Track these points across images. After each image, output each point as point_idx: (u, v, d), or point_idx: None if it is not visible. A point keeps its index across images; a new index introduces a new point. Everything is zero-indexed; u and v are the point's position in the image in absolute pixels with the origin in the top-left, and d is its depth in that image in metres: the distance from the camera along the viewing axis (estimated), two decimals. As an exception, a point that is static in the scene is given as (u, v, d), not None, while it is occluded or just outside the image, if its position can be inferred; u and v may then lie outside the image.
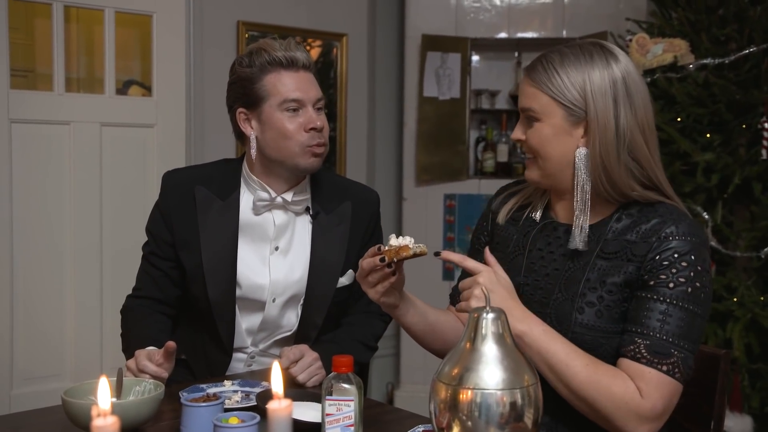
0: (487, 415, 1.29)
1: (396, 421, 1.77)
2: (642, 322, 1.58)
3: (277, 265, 2.20)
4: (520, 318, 1.60)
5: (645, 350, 1.56)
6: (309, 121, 2.13)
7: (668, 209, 1.66)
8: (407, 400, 4.42)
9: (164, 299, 2.24)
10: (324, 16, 4.40)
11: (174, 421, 1.69)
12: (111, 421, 0.88)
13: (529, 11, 4.52)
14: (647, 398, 1.53)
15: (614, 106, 1.63)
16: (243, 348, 2.23)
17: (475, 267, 1.63)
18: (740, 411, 3.23)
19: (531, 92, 1.68)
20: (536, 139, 1.68)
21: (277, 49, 2.13)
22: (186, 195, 2.20)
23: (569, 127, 1.65)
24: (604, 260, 1.66)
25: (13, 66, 3.52)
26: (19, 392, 3.51)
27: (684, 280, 1.58)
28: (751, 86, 3.44)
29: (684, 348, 1.56)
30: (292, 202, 2.20)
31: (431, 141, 4.53)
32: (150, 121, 3.84)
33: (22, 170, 3.51)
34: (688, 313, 1.57)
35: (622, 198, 1.68)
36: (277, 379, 1.14)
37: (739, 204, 3.51)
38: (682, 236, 1.60)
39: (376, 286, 1.67)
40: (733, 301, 3.30)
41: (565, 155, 1.67)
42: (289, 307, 2.22)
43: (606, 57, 1.66)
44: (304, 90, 2.13)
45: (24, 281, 3.54)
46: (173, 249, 2.21)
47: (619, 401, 1.53)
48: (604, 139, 1.63)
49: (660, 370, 1.54)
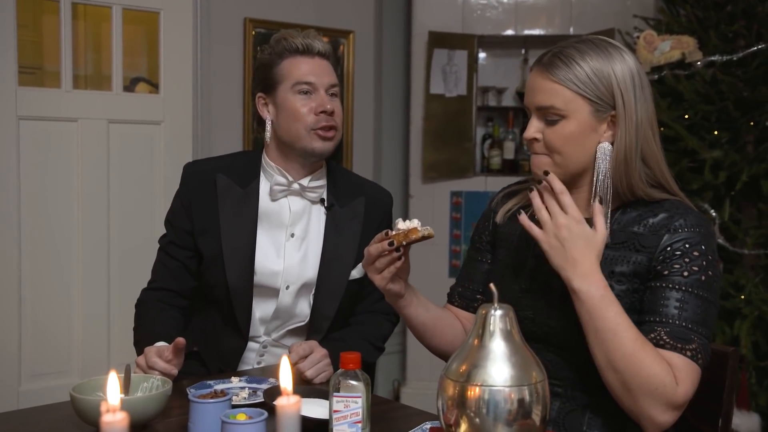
0: (495, 411, 1.30)
1: (403, 417, 1.77)
2: (660, 311, 1.58)
3: (291, 252, 2.23)
4: (582, 274, 1.55)
5: (667, 336, 1.55)
6: (320, 104, 2.17)
7: (674, 204, 1.67)
8: (414, 396, 4.42)
9: (180, 290, 2.27)
10: (331, 13, 4.41)
11: (182, 418, 1.69)
12: (120, 416, 0.88)
13: (536, 8, 4.52)
14: (681, 385, 1.52)
15: (635, 100, 1.62)
16: (256, 337, 2.26)
17: (570, 204, 1.59)
18: (748, 408, 3.22)
19: (551, 88, 1.64)
20: (559, 137, 1.64)
21: (296, 37, 2.21)
22: (207, 183, 2.25)
23: (594, 122, 1.63)
24: (609, 249, 1.65)
25: (21, 63, 3.53)
26: (27, 388, 3.53)
27: (697, 269, 1.58)
28: (759, 83, 3.43)
29: (702, 334, 1.56)
30: (308, 188, 2.24)
31: (438, 138, 4.53)
32: (157, 117, 3.85)
33: (30, 167, 3.53)
34: (703, 301, 1.57)
35: (630, 195, 1.67)
36: (287, 375, 1.14)
37: (747, 201, 3.51)
38: (691, 228, 1.61)
39: (383, 272, 1.66)
40: (741, 299, 3.30)
41: (588, 151, 1.65)
42: (301, 295, 2.24)
43: (619, 51, 1.65)
44: (317, 74, 2.20)
45: (31, 277, 3.55)
46: (192, 238, 2.24)
47: (657, 383, 1.50)
48: (630, 132, 1.62)
49: (685, 356, 1.53)
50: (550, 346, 1.70)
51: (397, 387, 4.78)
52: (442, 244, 4.55)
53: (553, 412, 1.68)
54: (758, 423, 3.22)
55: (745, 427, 3.20)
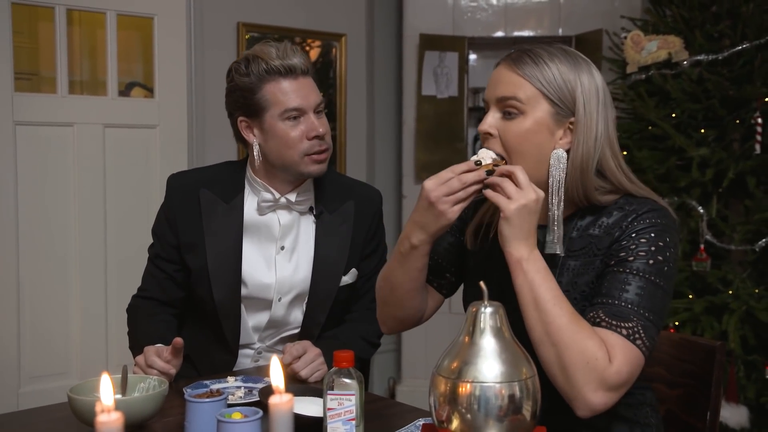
0: (486, 407, 1.30)
1: (397, 415, 1.79)
2: (602, 293, 1.55)
3: (282, 264, 2.23)
4: (533, 246, 1.53)
5: (604, 314, 1.51)
6: (311, 129, 2.14)
7: (628, 201, 1.62)
8: (408, 394, 4.46)
9: (168, 301, 2.27)
10: (323, 17, 4.44)
11: (178, 417, 1.71)
12: (115, 416, 0.89)
13: (525, 10, 4.55)
14: (614, 363, 1.46)
15: (596, 112, 1.60)
16: (250, 344, 2.27)
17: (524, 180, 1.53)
18: (736, 402, 3.24)
19: (515, 81, 1.60)
20: (515, 134, 1.59)
21: (274, 58, 2.12)
22: (191, 198, 2.23)
23: (552, 124, 1.59)
24: (573, 260, 1.63)
25: (17, 69, 3.56)
26: (27, 390, 3.56)
27: (644, 254, 1.54)
28: (744, 82, 3.46)
29: (644, 316, 1.50)
30: (295, 203, 2.23)
31: (430, 139, 4.56)
32: (152, 122, 3.87)
33: (27, 171, 3.56)
34: (649, 284, 1.52)
35: (585, 201, 1.63)
36: (277, 374, 1.16)
37: (734, 198, 3.53)
38: (642, 220, 1.57)
39: (461, 203, 1.57)
40: (729, 294, 3.32)
41: (542, 155, 1.60)
42: (294, 305, 2.25)
43: (589, 66, 1.63)
44: (304, 97, 2.14)
45: (30, 281, 3.58)
46: (178, 252, 2.24)
47: (590, 357, 1.45)
48: (588, 143, 1.58)
49: (620, 334, 1.48)
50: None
51: (393, 385, 4.80)
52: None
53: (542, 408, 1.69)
54: (746, 416, 3.24)
55: (734, 420, 3.22)
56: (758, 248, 3.35)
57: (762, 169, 3.39)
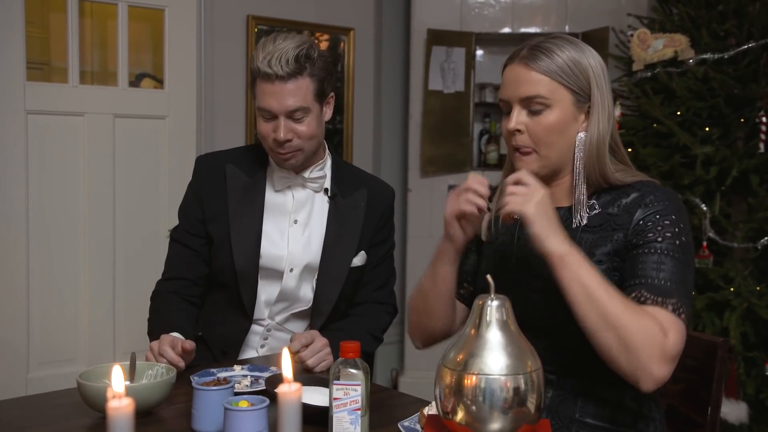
0: (491, 400, 1.32)
1: (401, 405, 1.81)
2: (638, 274, 1.60)
3: (295, 237, 2.30)
4: (564, 239, 1.58)
5: (648, 292, 1.57)
6: (273, 132, 2.20)
7: (643, 183, 1.71)
8: (411, 386, 4.48)
9: (194, 279, 2.33)
10: (332, 11, 4.46)
11: (186, 405, 1.72)
12: (126, 402, 0.92)
13: (532, 7, 4.56)
14: (669, 335, 1.53)
15: (606, 91, 1.70)
16: (260, 320, 2.32)
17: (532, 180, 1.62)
18: (736, 398, 3.25)
19: (536, 79, 1.67)
20: (544, 127, 1.68)
21: (260, 60, 2.16)
22: (217, 173, 2.33)
23: (576, 112, 1.69)
24: (589, 233, 1.69)
25: (29, 59, 3.59)
26: (35, 375, 3.59)
27: (670, 235, 1.61)
28: (749, 81, 3.48)
29: (681, 292, 1.58)
30: (309, 179, 2.31)
31: (436, 133, 4.58)
32: (162, 112, 3.91)
33: (38, 159, 3.59)
34: (679, 263, 1.60)
35: (603, 181, 1.71)
36: (288, 364, 1.18)
37: (737, 196, 3.55)
38: (661, 201, 1.65)
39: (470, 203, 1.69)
40: (730, 291, 3.33)
41: (569, 141, 1.70)
42: (305, 279, 2.31)
43: (588, 48, 1.72)
44: (276, 101, 2.16)
45: (39, 268, 3.61)
46: (203, 225, 2.32)
47: (650, 334, 1.51)
48: (603, 122, 1.69)
49: (667, 309, 1.55)
50: (539, 332, 1.69)
51: (395, 376, 4.83)
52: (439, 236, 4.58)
53: (547, 400, 1.70)
54: (746, 411, 3.25)
55: (734, 415, 3.24)
56: (760, 246, 3.37)
57: (765, 167, 3.41)
